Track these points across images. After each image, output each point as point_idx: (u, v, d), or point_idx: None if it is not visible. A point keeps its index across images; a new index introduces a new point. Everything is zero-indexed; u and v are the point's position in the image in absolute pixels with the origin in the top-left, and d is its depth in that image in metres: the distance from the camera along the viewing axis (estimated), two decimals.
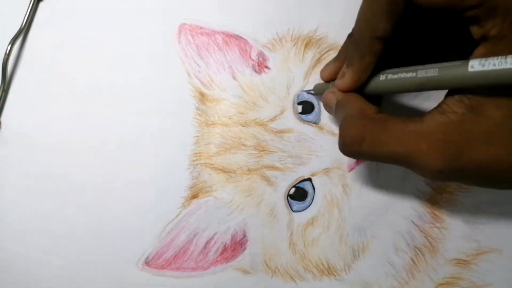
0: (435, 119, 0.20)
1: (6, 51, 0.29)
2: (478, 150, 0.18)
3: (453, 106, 0.19)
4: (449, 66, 0.19)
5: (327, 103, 0.25)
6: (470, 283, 0.28)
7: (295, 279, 0.28)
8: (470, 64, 0.18)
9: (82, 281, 0.28)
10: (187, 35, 0.30)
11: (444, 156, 0.19)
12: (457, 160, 0.19)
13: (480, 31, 0.19)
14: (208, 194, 0.29)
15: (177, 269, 0.28)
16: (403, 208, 0.28)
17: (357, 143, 0.21)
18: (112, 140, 0.29)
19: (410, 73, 0.20)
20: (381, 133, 0.21)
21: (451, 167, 0.19)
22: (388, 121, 0.21)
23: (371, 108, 0.22)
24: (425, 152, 0.19)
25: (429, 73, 0.19)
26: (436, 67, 0.19)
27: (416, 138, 0.20)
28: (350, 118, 0.22)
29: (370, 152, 0.21)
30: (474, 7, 0.18)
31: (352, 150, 0.22)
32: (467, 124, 0.19)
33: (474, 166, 0.19)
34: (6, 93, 0.30)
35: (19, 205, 0.29)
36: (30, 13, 0.29)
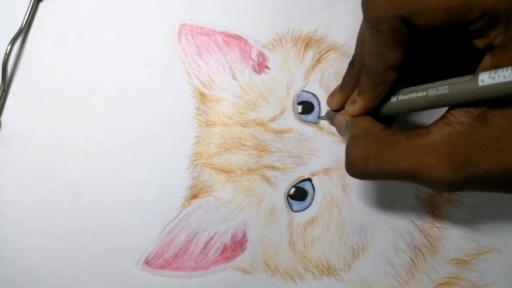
0: (440, 131, 0.19)
1: (6, 51, 0.29)
2: (485, 158, 0.18)
3: (459, 117, 0.19)
4: (459, 82, 0.19)
5: (338, 125, 0.25)
6: (469, 283, 0.28)
7: (295, 279, 0.28)
8: (480, 78, 0.18)
9: (82, 281, 0.28)
10: (187, 35, 0.30)
11: (452, 168, 0.19)
12: (465, 171, 0.19)
13: (484, 42, 0.19)
14: (208, 194, 0.29)
15: (177, 269, 0.28)
16: (403, 208, 0.28)
17: (363, 161, 0.21)
18: (112, 140, 0.29)
19: (421, 93, 0.20)
20: (386, 150, 0.21)
21: (460, 179, 0.19)
22: (393, 137, 0.21)
23: (377, 126, 0.22)
24: (433, 166, 0.19)
25: (439, 91, 0.19)
26: (446, 84, 0.19)
27: (422, 153, 0.20)
28: (355, 137, 0.22)
29: (376, 170, 0.21)
30: (476, 21, 0.18)
31: (358, 170, 0.22)
32: (473, 134, 0.19)
33: (483, 174, 0.19)
34: (6, 93, 0.29)
35: (19, 205, 0.29)
36: (30, 13, 0.29)
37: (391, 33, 0.20)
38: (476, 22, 0.18)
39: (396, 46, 0.20)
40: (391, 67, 0.21)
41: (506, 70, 0.17)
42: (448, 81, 0.19)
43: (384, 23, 0.19)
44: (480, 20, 0.18)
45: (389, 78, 0.21)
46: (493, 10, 0.18)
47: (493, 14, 0.18)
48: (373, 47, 0.21)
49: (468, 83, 0.18)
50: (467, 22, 0.18)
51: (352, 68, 0.25)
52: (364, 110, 0.23)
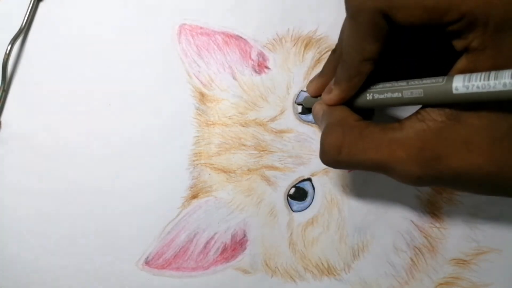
0: (413, 127, 0.20)
1: (6, 51, 0.29)
2: (456, 157, 0.19)
3: (432, 114, 0.19)
4: (433, 86, 0.19)
5: (315, 114, 0.26)
6: (469, 283, 0.28)
7: (295, 279, 0.28)
8: (454, 86, 0.18)
9: (82, 281, 0.28)
10: (187, 35, 0.30)
11: (421, 163, 0.19)
12: (435, 167, 0.19)
13: (462, 43, 0.19)
14: (208, 194, 0.29)
15: (177, 269, 0.28)
16: (403, 208, 0.28)
17: (336, 150, 0.22)
18: (112, 140, 0.29)
19: (396, 94, 0.21)
20: (359, 141, 0.21)
21: (428, 174, 0.19)
22: (367, 129, 0.21)
23: (353, 116, 0.23)
24: (403, 160, 0.20)
25: (414, 94, 0.20)
26: (421, 88, 0.19)
27: (393, 146, 0.20)
28: (330, 126, 0.23)
29: (348, 159, 0.21)
30: (454, 22, 0.18)
31: (331, 159, 0.22)
32: (445, 132, 0.19)
33: (452, 172, 0.19)
34: (6, 93, 0.29)
35: (19, 205, 0.29)
36: (30, 13, 0.29)
37: (369, 26, 0.20)
38: (454, 23, 0.18)
39: (374, 39, 0.20)
40: (367, 59, 0.21)
41: (479, 80, 0.17)
42: (423, 83, 0.19)
43: (363, 15, 0.20)
44: (458, 22, 0.18)
45: (365, 69, 0.21)
46: (471, 14, 0.18)
47: (471, 17, 0.18)
48: (351, 38, 0.21)
49: (443, 88, 0.18)
50: (445, 23, 0.18)
51: (333, 55, 0.25)
52: (339, 100, 0.23)
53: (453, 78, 0.18)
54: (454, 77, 0.18)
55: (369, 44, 0.20)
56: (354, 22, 0.20)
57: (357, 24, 0.20)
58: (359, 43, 0.21)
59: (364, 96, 0.23)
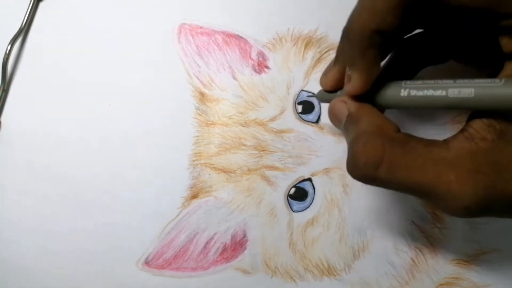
0: (462, 147, 0.17)
1: (6, 51, 0.29)
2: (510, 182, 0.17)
3: (482, 132, 0.17)
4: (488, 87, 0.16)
5: (337, 114, 0.22)
6: (470, 283, 0.28)
7: (295, 279, 0.28)
8: None
9: (82, 281, 0.28)
10: (187, 35, 0.29)
11: (474, 188, 0.17)
12: (488, 194, 0.17)
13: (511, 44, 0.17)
14: (208, 194, 0.29)
15: (177, 269, 0.28)
16: (404, 208, 0.28)
17: (373, 165, 0.18)
18: (112, 140, 0.29)
19: (439, 91, 0.17)
20: (402, 157, 0.18)
21: (481, 201, 0.17)
22: (410, 143, 0.18)
23: (390, 125, 0.19)
24: (453, 183, 0.17)
25: (462, 93, 0.17)
26: (472, 87, 0.16)
27: (442, 167, 0.17)
28: (366, 135, 0.19)
29: (387, 177, 0.18)
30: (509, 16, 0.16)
31: (365, 174, 0.19)
32: (498, 154, 0.17)
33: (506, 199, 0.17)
34: (6, 93, 0.30)
35: (19, 205, 0.29)
36: (30, 13, 0.29)
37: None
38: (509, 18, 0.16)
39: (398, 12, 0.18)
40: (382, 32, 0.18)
41: None
42: (473, 82, 0.16)
43: None
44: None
45: (376, 40, 0.19)
46: None
47: None
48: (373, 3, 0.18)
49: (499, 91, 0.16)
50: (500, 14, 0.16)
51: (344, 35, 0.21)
52: (363, 84, 0.20)
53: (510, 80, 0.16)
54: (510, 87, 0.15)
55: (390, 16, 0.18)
56: None
57: None
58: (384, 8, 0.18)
59: (397, 92, 0.19)
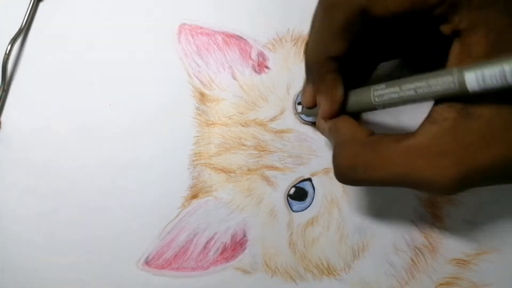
0: (427, 131, 0.19)
1: (6, 51, 0.29)
2: (477, 155, 0.18)
3: (443, 113, 0.18)
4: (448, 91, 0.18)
5: (321, 131, 0.24)
6: (470, 283, 0.28)
7: (295, 279, 0.28)
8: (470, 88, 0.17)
9: (82, 281, 0.28)
10: (187, 35, 0.30)
11: (443, 170, 0.18)
12: (461, 170, 0.18)
13: (450, 27, 0.18)
14: (208, 194, 0.29)
15: (177, 269, 0.28)
16: (403, 208, 0.28)
17: (352, 169, 0.20)
18: (112, 140, 0.29)
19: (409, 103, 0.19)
20: (373, 157, 0.20)
21: (456, 179, 0.18)
22: (380, 143, 0.20)
23: (362, 131, 0.21)
24: (423, 169, 0.18)
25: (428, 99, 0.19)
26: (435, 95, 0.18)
27: (410, 156, 0.19)
28: (340, 146, 0.21)
29: (366, 177, 0.20)
30: (436, 6, 0.18)
31: (348, 179, 0.21)
32: (460, 130, 0.18)
33: (477, 171, 0.18)
34: (6, 93, 0.30)
35: (19, 205, 0.29)
36: (30, 13, 0.29)
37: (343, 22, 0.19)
38: (437, 6, 0.18)
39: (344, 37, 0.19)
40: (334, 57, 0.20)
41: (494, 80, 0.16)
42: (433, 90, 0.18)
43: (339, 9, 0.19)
44: (442, 4, 0.17)
45: (332, 66, 0.21)
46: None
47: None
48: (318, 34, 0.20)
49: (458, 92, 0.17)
50: (428, 8, 0.18)
51: None
52: (331, 108, 0.22)
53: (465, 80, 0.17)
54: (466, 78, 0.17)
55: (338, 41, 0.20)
56: (328, 17, 0.20)
57: (330, 19, 0.19)
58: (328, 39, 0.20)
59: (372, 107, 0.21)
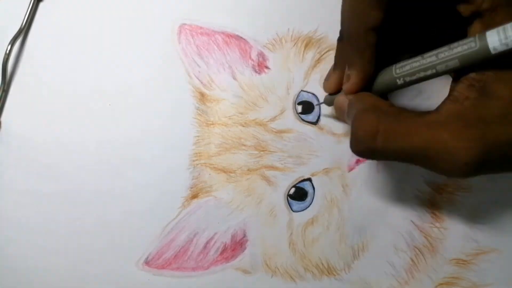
0: (450, 109, 0.19)
1: (6, 51, 0.29)
2: (498, 131, 0.18)
3: (465, 92, 0.19)
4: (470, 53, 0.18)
5: (340, 106, 0.24)
6: (469, 283, 0.28)
7: (295, 279, 0.28)
8: (492, 47, 0.17)
9: (82, 281, 0.28)
10: (187, 35, 0.30)
11: (468, 142, 0.18)
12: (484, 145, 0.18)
13: (470, 8, 0.18)
14: (208, 194, 0.29)
15: (177, 269, 0.28)
16: (403, 208, 0.28)
17: (371, 137, 0.19)
18: (112, 140, 0.29)
19: (430, 71, 0.20)
20: (397, 125, 0.19)
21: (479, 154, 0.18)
22: (403, 114, 0.20)
23: (384, 102, 0.21)
24: (448, 141, 0.18)
25: (449, 66, 0.19)
26: (456, 59, 0.18)
27: (435, 128, 0.18)
28: (362, 112, 0.21)
29: (385, 147, 0.19)
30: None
31: (365, 147, 0.20)
32: (482, 108, 0.18)
33: (498, 148, 0.18)
34: (6, 93, 0.29)
35: (19, 205, 0.29)
36: (30, 13, 0.29)
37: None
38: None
39: (377, 5, 0.20)
40: (373, 28, 0.20)
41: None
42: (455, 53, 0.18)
43: None
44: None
45: (372, 40, 0.21)
46: None
47: None
48: (352, 8, 0.20)
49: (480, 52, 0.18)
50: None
51: (341, 43, 0.24)
52: (360, 82, 0.22)
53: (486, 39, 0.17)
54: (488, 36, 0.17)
55: (372, 10, 0.20)
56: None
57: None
58: (362, 10, 0.20)
59: (393, 82, 0.21)
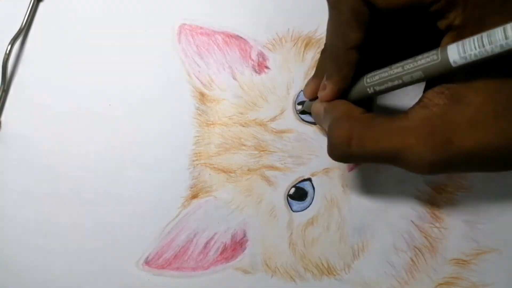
0: (419, 115, 0.20)
1: (6, 51, 0.29)
2: (464, 138, 0.19)
3: (434, 99, 0.20)
4: (431, 66, 0.19)
5: (316, 112, 0.25)
6: (469, 283, 0.28)
7: (295, 279, 0.28)
8: (452, 61, 0.18)
9: (82, 281, 0.28)
10: (187, 35, 0.30)
11: (433, 148, 0.19)
12: (447, 150, 0.19)
13: (445, 22, 0.19)
14: (208, 194, 0.29)
15: (177, 269, 0.28)
16: (403, 208, 0.28)
17: (346, 143, 0.21)
18: (112, 140, 0.29)
19: (396, 81, 0.21)
20: (368, 131, 0.21)
21: (441, 158, 0.19)
22: (374, 120, 0.21)
23: (357, 109, 0.23)
24: (414, 146, 0.20)
25: (414, 77, 0.20)
26: (420, 70, 0.20)
27: (404, 134, 0.20)
28: (336, 120, 0.22)
29: (359, 151, 0.21)
30: (434, 2, 0.19)
31: (341, 153, 0.22)
32: (450, 115, 0.19)
33: (463, 154, 0.19)
34: (6, 93, 0.30)
35: (19, 205, 0.29)
36: (30, 13, 0.29)
37: (350, 13, 0.20)
38: (434, 3, 0.19)
39: (356, 26, 0.20)
40: (352, 47, 0.21)
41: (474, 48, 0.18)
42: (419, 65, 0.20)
43: (344, 3, 0.20)
44: (438, 2, 0.19)
45: (351, 58, 0.22)
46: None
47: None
48: (334, 28, 0.21)
49: (442, 65, 0.19)
50: (425, 4, 0.19)
51: (323, 54, 0.25)
52: (334, 94, 0.23)
53: (447, 52, 0.18)
54: (448, 50, 0.18)
55: (352, 31, 0.21)
56: (336, 11, 0.21)
57: (338, 13, 0.20)
58: (343, 31, 0.21)
59: (364, 90, 0.23)
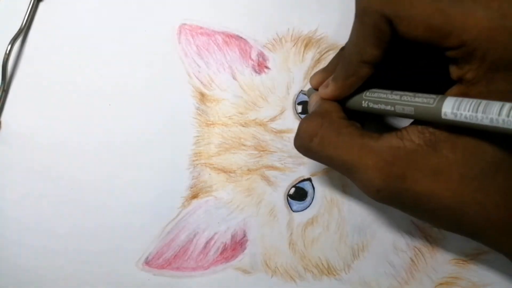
0: (390, 141, 0.20)
1: (6, 51, 0.29)
2: (421, 182, 0.19)
3: (412, 135, 0.19)
4: (424, 107, 0.19)
5: (310, 103, 0.26)
6: (469, 283, 0.28)
7: (295, 279, 0.28)
8: (443, 112, 0.18)
9: (82, 281, 0.29)
10: (187, 35, 0.30)
11: (385, 177, 0.19)
12: (397, 185, 0.19)
13: (457, 72, 0.19)
14: (208, 194, 0.29)
15: (177, 269, 0.28)
16: None
17: (309, 137, 0.22)
18: (112, 140, 0.29)
19: (389, 107, 0.21)
20: (333, 136, 0.21)
21: (389, 190, 0.19)
22: (347, 128, 0.21)
23: (338, 112, 0.22)
24: (369, 167, 0.20)
25: (406, 110, 0.20)
26: (412, 106, 0.19)
27: (364, 151, 0.20)
28: (312, 114, 0.23)
29: (317, 150, 0.21)
30: (453, 48, 0.18)
31: (302, 144, 0.22)
32: (418, 155, 0.19)
33: (412, 196, 0.19)
34: (6, 93, 0.30)
35: (19, 205, 0.29)
36: (30, 13, 0.29)
37: (372, 28, 0.19)
38: (453, 49, 0.18)
39: (375, 43, 0.20)
40: (366, 62, 0.21)
41: (467, 110, 0.17)
42: (414, 101, 0.20)
43: (368, 16, 0.19)
44: (458, 49, 0.18)
45: (362, 72, 0.21)
46: (472, 44, 0.17)
47: (471, 48, 0.18)
48: (354, 37, 0.21)
49: (433, 111, 0.19)
50: (444, 47, 0.18)
51: (340, 53, 0.25)
52: (333, 96, 0.23)
53: (443, 102, 0.18)
54: (445, 101, 0.18)
55: (370, 47, 0.20)
56: (359, 22, 0.20)
57: (361, 24, 0.20)
58: (361, 44, 0.20)
59: (360, 102, 0.23)
